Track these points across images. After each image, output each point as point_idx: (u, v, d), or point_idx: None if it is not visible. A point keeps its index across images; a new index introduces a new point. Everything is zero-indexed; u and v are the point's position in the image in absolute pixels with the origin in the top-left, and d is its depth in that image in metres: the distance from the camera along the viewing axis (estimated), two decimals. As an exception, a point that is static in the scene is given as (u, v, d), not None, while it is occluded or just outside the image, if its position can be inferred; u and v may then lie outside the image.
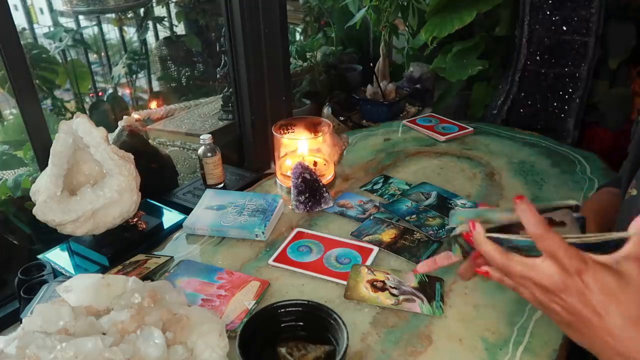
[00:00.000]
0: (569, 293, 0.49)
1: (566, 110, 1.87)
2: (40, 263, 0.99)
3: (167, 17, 2.32)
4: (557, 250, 0.49)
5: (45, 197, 0.91)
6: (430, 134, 1.43)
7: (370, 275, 0.87)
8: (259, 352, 0.68)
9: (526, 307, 0.80)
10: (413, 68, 2.27)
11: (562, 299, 0.50)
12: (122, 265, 0.92)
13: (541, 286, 0.51)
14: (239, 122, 1.62)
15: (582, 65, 1.79)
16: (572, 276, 0.49)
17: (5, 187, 1.28)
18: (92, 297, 0.68)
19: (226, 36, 1.49)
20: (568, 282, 0.49)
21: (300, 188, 1.06)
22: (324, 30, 2.37)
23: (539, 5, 1.79)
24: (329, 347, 0.67)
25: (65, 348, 0.56)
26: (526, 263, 0.52)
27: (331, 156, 1.18)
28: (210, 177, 1.24)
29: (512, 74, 1.89)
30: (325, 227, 1.03)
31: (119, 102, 2.12)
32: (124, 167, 0.95)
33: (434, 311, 0.79)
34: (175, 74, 2.29)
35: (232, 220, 1.01)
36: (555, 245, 0.49)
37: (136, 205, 0.99)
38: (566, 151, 1.32)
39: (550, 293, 0.51)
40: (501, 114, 1.92)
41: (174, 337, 0.63)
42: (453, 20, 1.78)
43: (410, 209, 1.06)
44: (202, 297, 0.82)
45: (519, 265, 0.52)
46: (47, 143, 1.04)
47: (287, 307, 0.71)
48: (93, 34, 2.25)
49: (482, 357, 0.71)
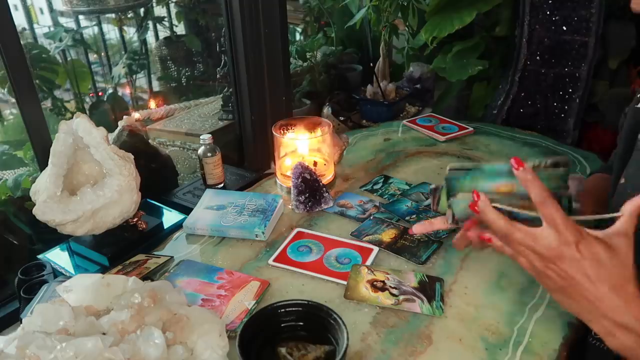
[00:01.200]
0: (565, 260, 0.55)
1: (566, 110, 1.87)
2: (40, 263, 0.98)
3: (167, 17, 2.32)
4: (557, 218, 0.55)
5: (45, 197, 0.91)
6: (430, 134, 1.43)
7: (370, 275, 0.87)
8: (259, 352, 0.68)
9: (526, 307, 0.80)
10: (413, 68, 2.27)
11: (557, 265, 0.56)
12: (122, 265, 0.92)
13: (539, 253, 0.57)
14: (239, 122, 1.62)
15: (582, 65, 1.79)
16: (570, 245, 0.54)
17: (5, 187, 1.28)
18: (92, 297, 0.68)
19: (226, 36, 1.49)
20: (565, 250, 0.55)
21: (300, 188, 1.06)
22: (324, 30, 2.37)
23: (539, 5, 1.79)
24: (329, 347, 0.67)
25: (65, 348, 0.56)
26: (527, 231, 0.57)
27: (331, 156, 1.18)
28: (210, 177, 1.24)
29: (512, 74, 1.89)
30: (325, 227, 1.03)
31: (119, 102, 2.12)
32: (124, 167, 0.95)
33: (434, 311, 0.79)
34: (175, 74, 2.29)
35: (232, 220, 1.01)
36: (557, 214, 0.55)
37: (136, 205, 0.99)
38: (566, 151, 1.32)
39: (547, 260, 0.56)
40: (501, 114, 1.92)
41: (174, 337, 0.63)
42: (453, 20, 1.77)
43: (410, 209, 1.06)
44: (202, 297, 0.82)
45: (521, 233, 0.57)
46: (47, 143, 1.04)
47: (287, 307, 0.71)
48: (93, 34, 2.25)
49: (482, 357, 0.71)
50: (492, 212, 0.60)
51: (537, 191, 0.56)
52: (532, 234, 0.57)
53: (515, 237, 0.58)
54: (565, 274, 0.56)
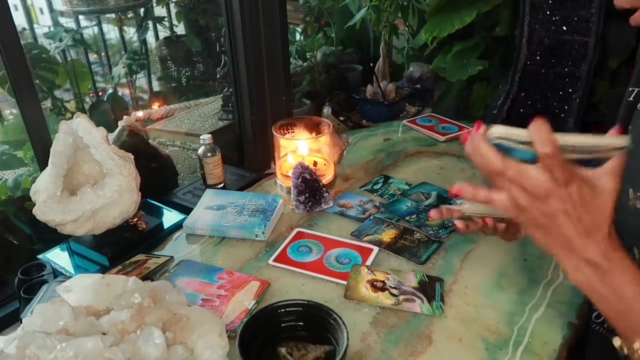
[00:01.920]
0: (552, 198, 0.56)
1: (566, 110, 1.86)
2: (40, 263, 0.98)
3: (167, 17, 2.32)
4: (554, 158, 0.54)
5: (45, 197, 0.91)
6: (430, 134, 1.43)
7: (370, 275, 0.87)
8: (259, 352, 0.68)
9: (526, 307, 0.80)
10: (413, 68, 2.27)
11: (544, 203, 0.56)
12: (122, 265, 0.92)
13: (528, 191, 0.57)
14: (239, 122, 1.62)
15: (582, 65, 1.79)
16: (560, 185, 0.55)
17: (5, 187, 1.28)
18: (92, 297, 0.68)
19: (226, 36, 1.49)
20: (555, 190, 0.55)
21: (300, 188, 1.06)
22: (324, 30, 2.37)
23: (539, 5, 1.79)
24: (329, 347, 0.67)
25: (65, 348, 0.56)
26: (520, 167, 0.57)
27: (331, 156, 1.18)
28: (210, 177, 1.24)
29: (512, 74, 1.89)
30: (325, 227, 1.03)
31: (119, 102, 2.12)
32: (124, 167, 0.95)
33: (434, 311, 0.79)
34: (175, 74, 2.29)
35: (232, 220, 1.01)
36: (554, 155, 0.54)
37: (136, 205, 0.99)
38: (566, 151, 1.32)
39: (535, 197, 0.57)
40: (501, 114, 1.92)
41: (174, 337, 0.63)
42: (453, 20, 1.77)
43: (410, 209, 1.06)
44: (202, 297, 0.82)
45: (514, 170, 0.57)
46: (47, 143, 1.04)
47: (287, 307, 0.71)
48: (93, 34, 2.25)
49: (482, 357, 0.71)
50: (485, 145, 0.58)
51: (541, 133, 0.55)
52: (525, 170, 0.56)
53: (508, 174, 0.57)
54: (549, 212, 0.57)
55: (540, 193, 0.56)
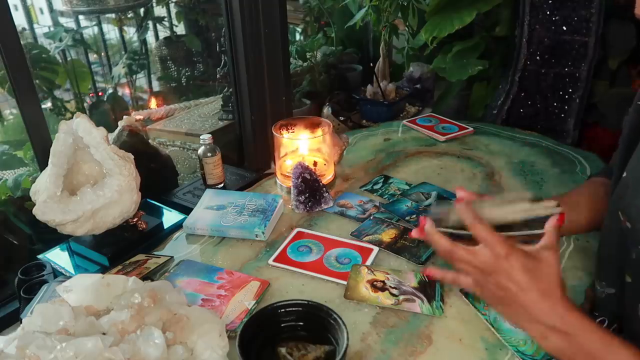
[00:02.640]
0: (499, 272, 0.62)
1: (566, 110, 1.87)
2: (40, 263, 0.98)
3: (167, 17, 2.32)
4: (487, 236, 0.62)
5: (45, 197, 0.91)
6: (430, 134, 1.43)
7: (370, 275, 0.87)
8: (259, 352, 0.68)
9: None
10: (413, 68, 2.27)
11: (494, 277, 0.63)
12: (122, 265, 0.92)
13: (479, 268, 0.64)
14: (239, 122, 1.62)
15: (582, 65, 1.79)
16: (501, 258, 0.62)
17: (5, 187, 1.28)
18: (92, 297, 0.68)
19: (226, 36, 1.49)
20: (498, 263, 0.62)
21: (300, 188, 1.06)
22: (324, 30, 2.37)
23: (539, 5, 1.79)
24: (329, 347, 0.67)
25: (65, 348, 0.56)
26: (467, 248, 0.65)
27: (331, 156, 1.18)
28: (210, 177, 1.24)
29: (512, 74, 1.89)
30: (325, 227, 1.03)
31: (119, 102, 2.12)
32: (124, 167, 0.95)
33: (434, 311, 0.79)
34: (175, 74, 2.29)
35: (232, 220, 1.01)
36: (485, 233, 0.63)
37: (136, 205, 0.99)
38: (566, 151, 1.32)
39: (486, 273, 0.64)
40: (501, 114, 1.92)
41: (174, 337, 0.63)
42: (453, 20, 1.77)
43: (410, 209, 1.06)
44: (202, 297, 0.82)
45: (462, 250, 0.65)
46: (47, 143, 1.04)
47: (287, 307, 0.71)
48: (93, 34, 2.25)
49: (482, 357, 0.71)
50: (435, 234, 0.68)
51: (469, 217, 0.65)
52: (471, 250, 0.64)
53: (457, 254, 0.66)
54: (501, 285, 0.63)
55: (488, 268, 0.63)
